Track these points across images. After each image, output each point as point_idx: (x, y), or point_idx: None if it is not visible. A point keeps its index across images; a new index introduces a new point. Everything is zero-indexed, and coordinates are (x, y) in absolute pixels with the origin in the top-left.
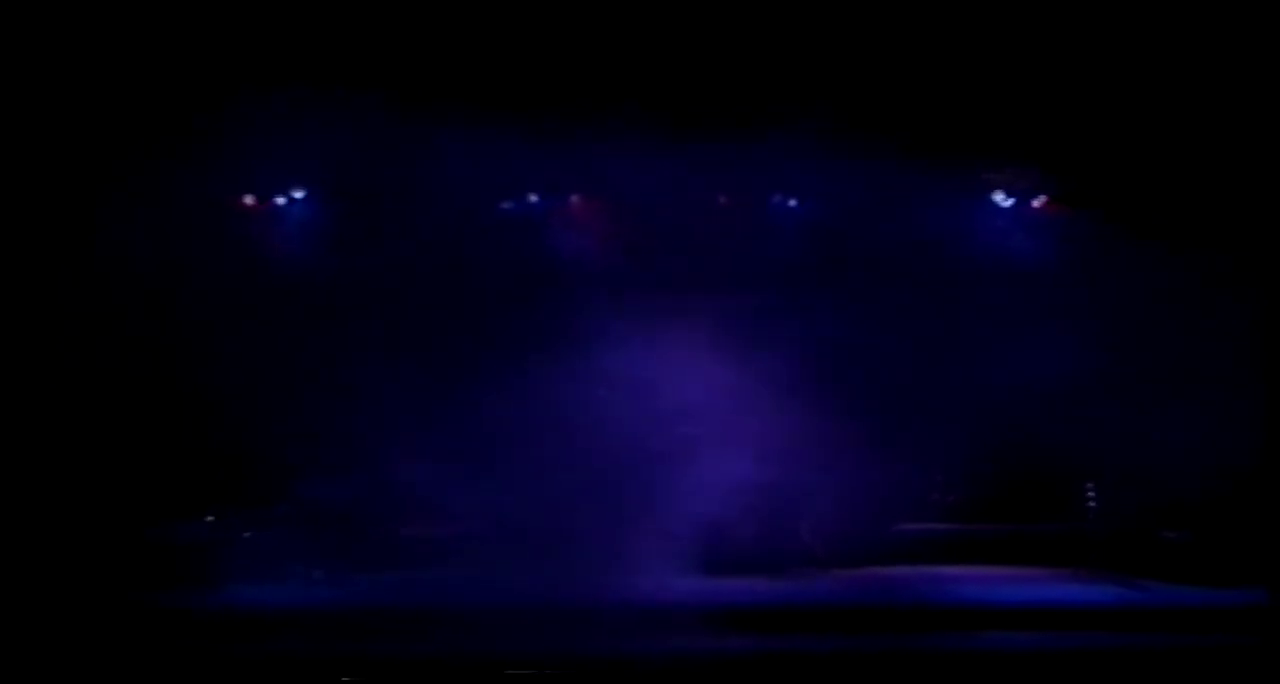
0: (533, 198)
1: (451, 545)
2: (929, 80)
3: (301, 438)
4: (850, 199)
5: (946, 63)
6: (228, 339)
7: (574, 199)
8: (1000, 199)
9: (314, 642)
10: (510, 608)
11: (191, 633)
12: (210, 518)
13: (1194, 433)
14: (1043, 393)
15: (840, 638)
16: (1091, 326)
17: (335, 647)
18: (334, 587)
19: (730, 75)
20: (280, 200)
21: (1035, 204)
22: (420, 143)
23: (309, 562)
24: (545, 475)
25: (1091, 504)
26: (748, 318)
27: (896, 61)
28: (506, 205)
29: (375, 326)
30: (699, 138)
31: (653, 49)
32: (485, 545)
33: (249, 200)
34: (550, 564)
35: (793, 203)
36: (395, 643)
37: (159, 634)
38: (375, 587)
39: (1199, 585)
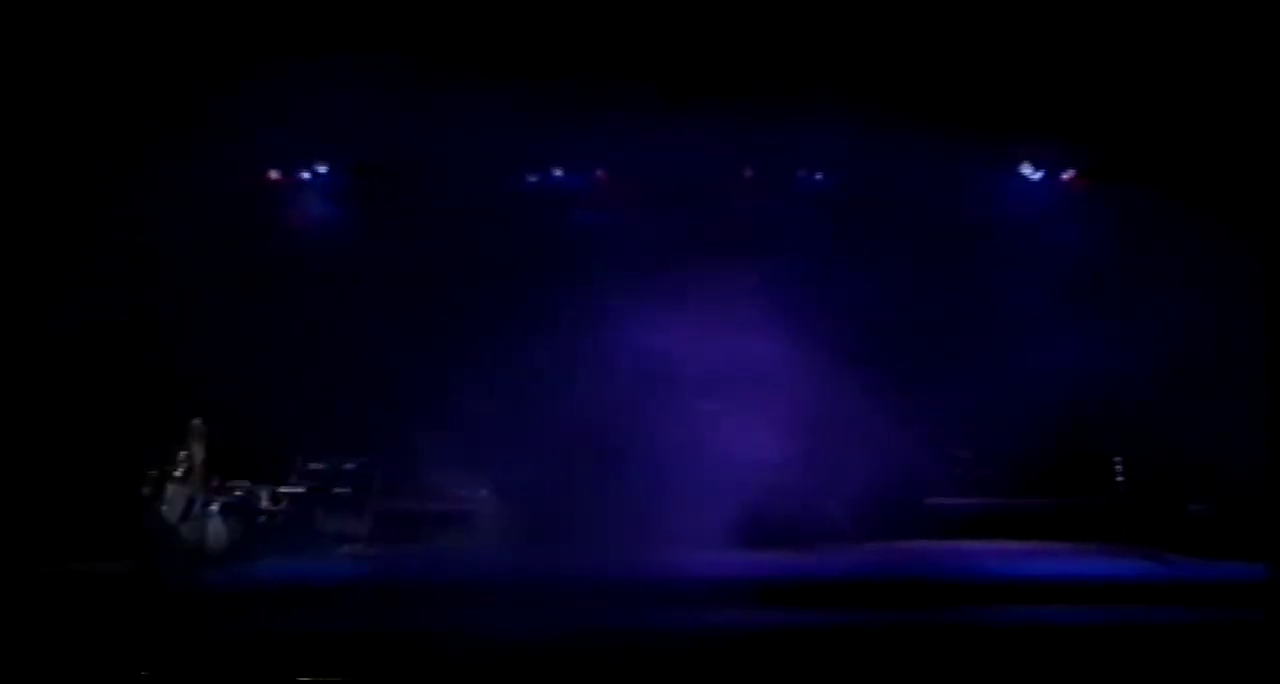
0: (557, 172)
1: (474, 521)
2: (957, 48)
3: (315, 413)
4: (877, 171)
5: (975, 29)
6: (243, 314)
7: (599, 173)
8: (1029, 172)
9: (340, 618)
10: (535, 582)
11: (217, 609)
12: (232, 491)
13: (1224, 407)
14: (1073, 367)
15: (869, 612)
16: (1124, 302)
17: (360, 621)
18: (356, 560)
19: (756, 47)
20: (304, 175)
21: (1064, 177)
22: (444, 117)
23: (330, 536)
24: (569, 451)
25: (1120, 478)
26: (774, 293)
27: (924, 30)
28: (531, 180)
29: (396, 301)
30: (724, 111)
31: (679, 20)
32: (509, 520)
33: (273, 175)
34: (575, 539)
35: (819, 176)
36: (419, 618)
37: (183, 612)
38: (397, 561)
39: (1226, 559)
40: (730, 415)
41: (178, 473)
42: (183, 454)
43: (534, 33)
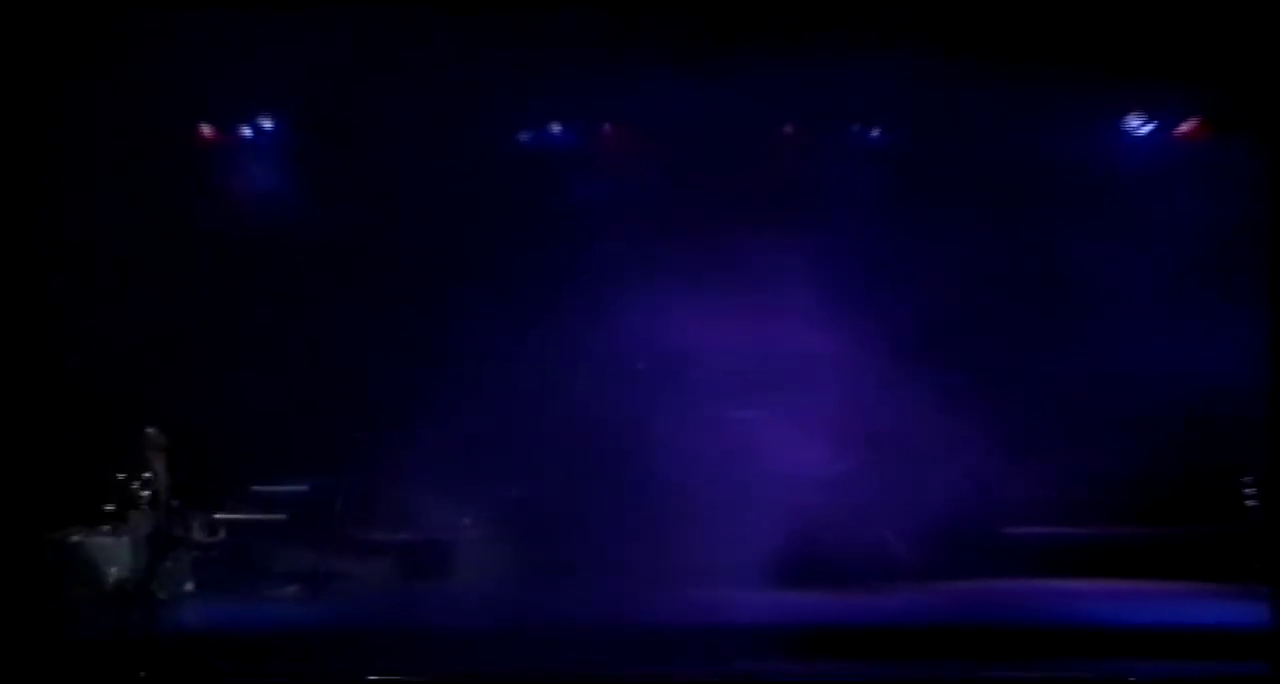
0: (555, 128)
1: (455, 554)
2: None
3: (260, 422)
4: (946, 126)
5: None
6: (168, 303)
7: (606, 129)
8: (1137, 123)
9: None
10: (532, 630)
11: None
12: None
13: None
14: (1192, 364)
15: (935, 666)
16: (1256, 284)
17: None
18: (311, 603)
19: None
20: (245, 131)
21: (1183, 129)
22: (415, 60)
23: (279, 574)
24: (571, 470)
25: (1252, 504)
26: (820, 274)
27: None
28: (524, 138)
29: (360, 286)
30: (758, 55)
31: None
32: (499, 554)
33: (205, 131)
34: (582, 577)
35: (875, 132)
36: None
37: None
38: (360, 604)
39: None
40: (767, 425)
41: (143, 496)
42: (144, 475)
43: None
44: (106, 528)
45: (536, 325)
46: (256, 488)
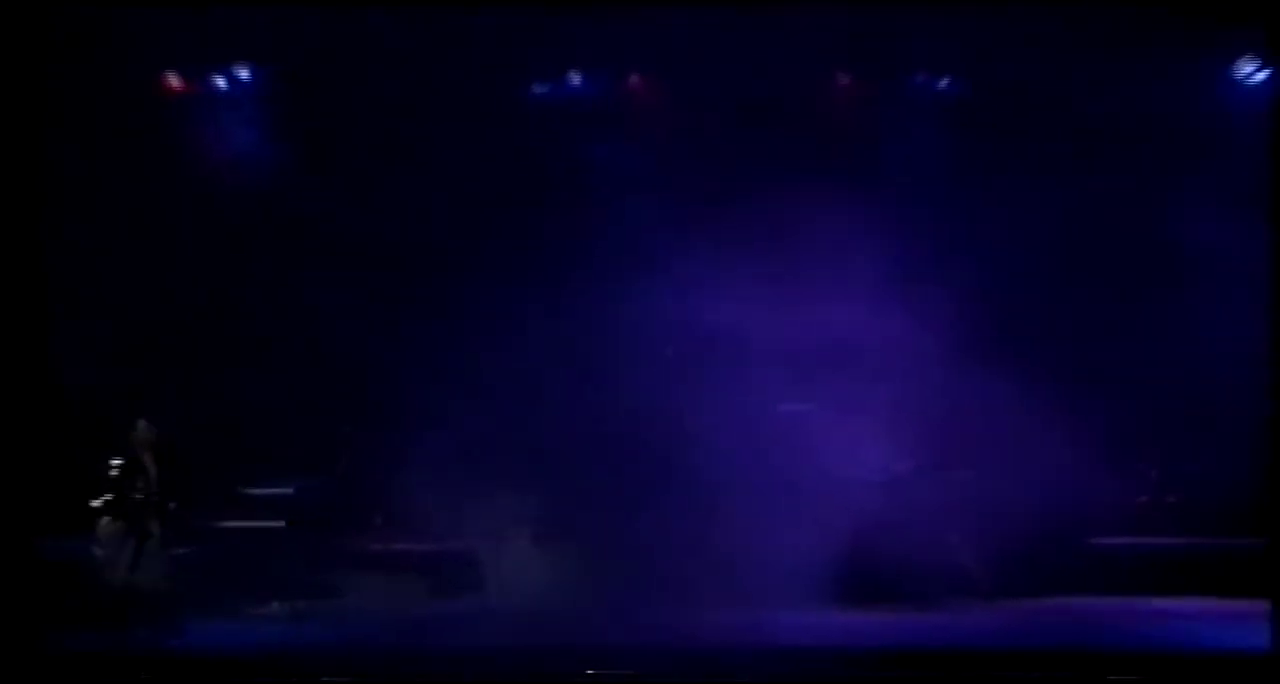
0: (575, 79)
1: (466, 567)
2: None
3: (242, 415)
4: (1025, 75)
5: None
6: (135, 278)
7: (633, 80)
8: (1250, 69)
9: None
10: (555, 654)
11: None
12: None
13: None
14: None
15: None
16: None
17: None
18: (307, 622)
19: None
20: (218, 82)
21: None
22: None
23: (263, 589)
24: (591, 472)
25: None
26: (880, 243)
27: None
28: (540, 90)
29: (353, 263)
30: None
31: None
32: (515, 568)
33: (171, 82)
34: (604, 596)
35: (943, 82)
36: None
37: None
38: (357, 626)
39: None
40: (817, 420)
41: (137, 496)
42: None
43: None
44: (97, 530)
45: (552, 307)
46: (239, 488)
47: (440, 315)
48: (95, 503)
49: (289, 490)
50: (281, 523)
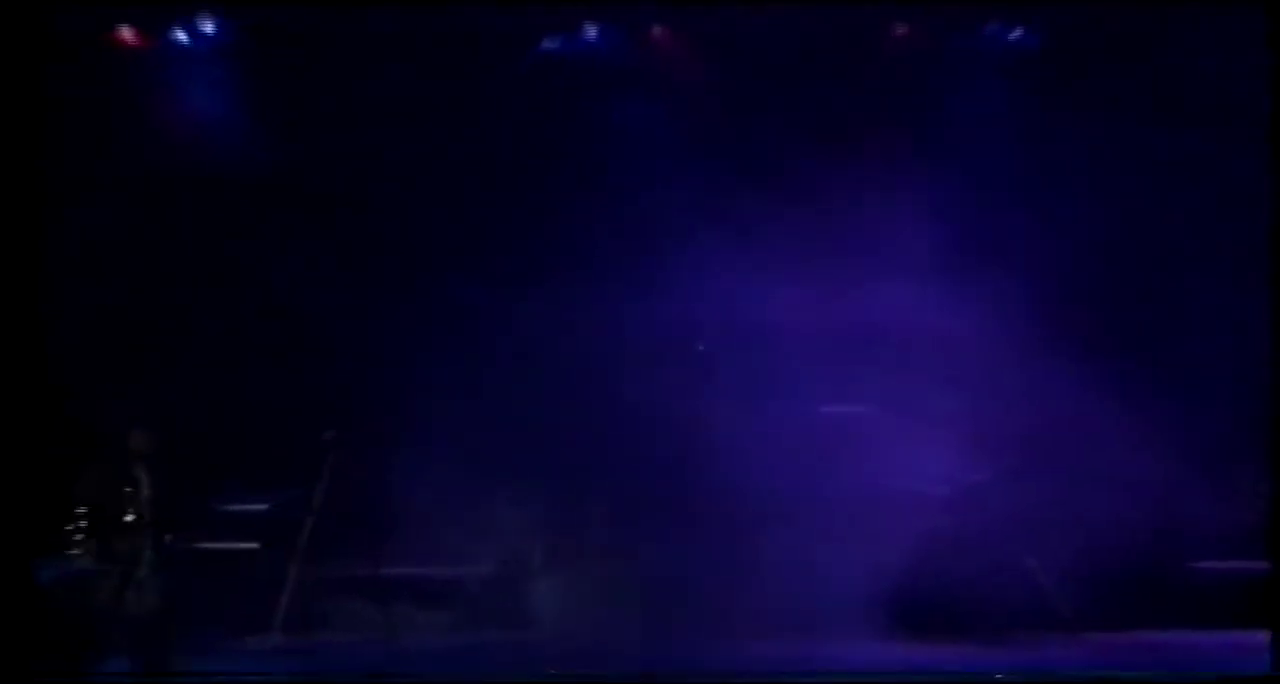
0: (590, 32)
1: (471, 595)
2: None
3: (209, 415)
4: (1109, 26)
5: None
6: (95, 265)
7: (656, 32)
8: None
9: None
10: None
11: None
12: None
13: None
14: None
15: None
16: None
17: None
18: (284, 660)
19: None
20: (178, 36)
21: None
22: None
23: (231, 620)
24: (613, 484)
25: None
26: (940, 220)
27: None
28: (549, 45)
29: (337, 243)
30: None
31: None
32: (525, 596)
33: (125, 35)
34: (639, 624)
35: (1016, 33)
36: None
37: None
38: (341, 662)
39: None
40: (874, 424)
41: (127, 518)
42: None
43: None
44: (85, 555)
45: (564, 296)
46: (212, 506)
47: (439, 300)
48: (74, 526)
49: (263, 507)
50: (255, 545)
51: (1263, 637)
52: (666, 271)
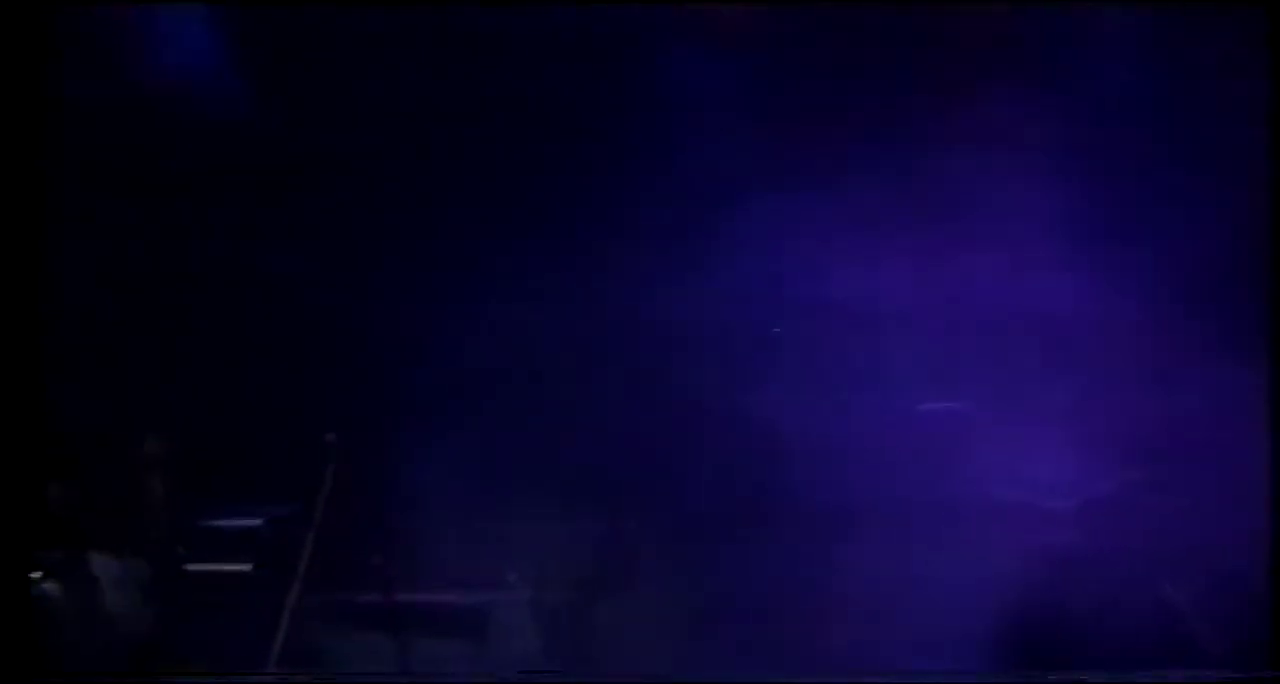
0: None
1: (494, 623)
2: None
3: (193, 416)
4: None
5: None
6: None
7: None
8: None
9: None
10: None
11: None
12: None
13: None
14: None
15: None
16: None
17: None
18: None
19: None
20: (179, 36)
21: None
22: None
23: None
24: (661, 493)
25: None
26: (1044, 184)
27: None
28: None
29: (330, 224)
30: None
31: None
32: (557, 623)
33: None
34: (692, 655)
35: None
36: None
37: None
38: None
39: None
40: (981, 424)
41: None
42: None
43: None
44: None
45: (600, 277)
46: (198, 523)
47: (454, 285)
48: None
49: (256, 522)
50: (247, 567)
51: None
52: (727, 248)
